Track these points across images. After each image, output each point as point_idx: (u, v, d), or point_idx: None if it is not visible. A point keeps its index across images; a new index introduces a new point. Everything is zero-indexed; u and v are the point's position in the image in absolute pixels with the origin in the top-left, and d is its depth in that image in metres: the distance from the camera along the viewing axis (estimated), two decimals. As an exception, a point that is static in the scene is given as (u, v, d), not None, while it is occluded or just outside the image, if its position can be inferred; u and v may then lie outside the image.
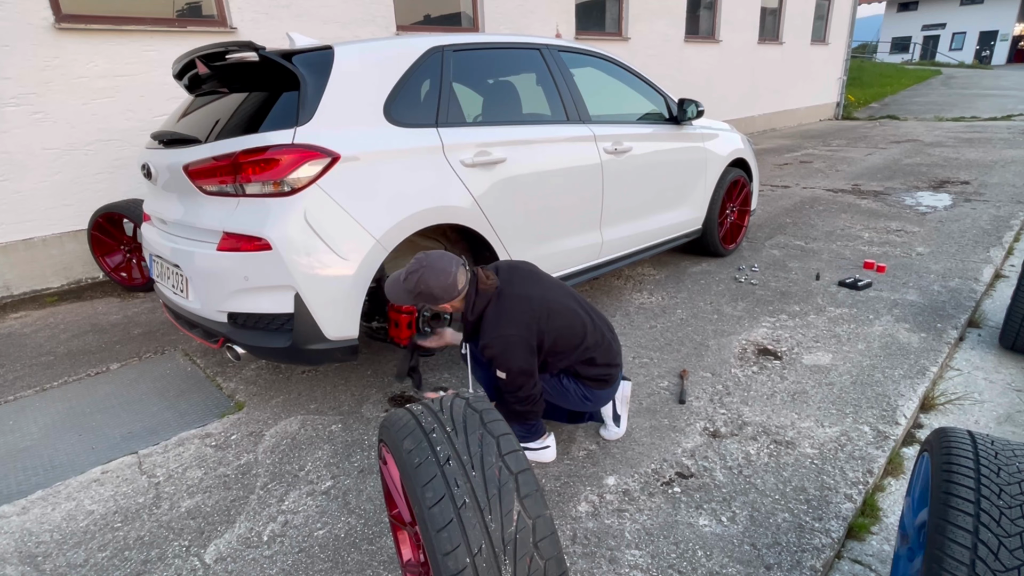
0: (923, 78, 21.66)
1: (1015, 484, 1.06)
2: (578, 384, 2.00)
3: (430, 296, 1.81)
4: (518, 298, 1.85)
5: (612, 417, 2.19)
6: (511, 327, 1.81)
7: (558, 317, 1.88)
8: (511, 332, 1.80)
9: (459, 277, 1.83)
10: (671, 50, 9.31)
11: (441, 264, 1.81)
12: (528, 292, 1.88)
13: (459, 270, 1.83)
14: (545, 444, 2.11)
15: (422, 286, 1.80)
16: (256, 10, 4.77)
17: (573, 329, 1.92)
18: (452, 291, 1.82)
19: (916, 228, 4.83)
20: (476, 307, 1.86)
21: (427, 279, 1.79)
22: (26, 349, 3.27)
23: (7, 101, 3.82)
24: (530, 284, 1.92)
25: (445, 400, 1.30)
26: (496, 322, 1.82)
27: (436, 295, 1.81)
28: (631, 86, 3.50)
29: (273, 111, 2.19)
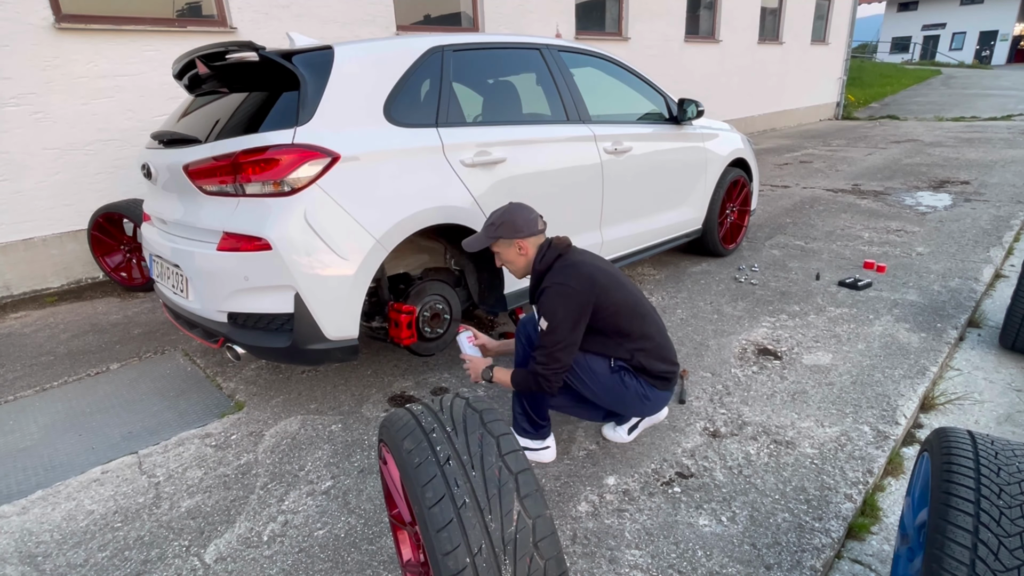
0: (923, 78, 21.66)
1: (1015, 484, 1.06)
2: (640, 382, 1.92)
3: (512, 226, 1.93)
4: (586, 263, 1.89)
5: (631, 426, 2.17)
6: (575, 280, 1.83)
7: (622, 291, 1.89)
8: (573, 284, 1.82)
9: (540, 220, 1.98)
10: (671, 50, 9.31)
11: (525, 206, 2.00)
12: (596, 262, 1.93)
13: (540, 217, 2.00)
14: (545, 445, 2.11)
15: (507, 216, 1.94)
16: (256, 10, 4.78)
17: (635, 309, 1.90)
18: (533, 226, 1.95)
19: (916, 228, 4.83)
20: (547, 258, 1.93)
21: (512, 211, 1.95)
22: (26, 349, 3.27)
23: (7, 101, 3.82)
24: (597, 259, 1.97)
25: (445, 400, 1.30)
26: (563, 271, 1.87)
27: (519, 225, 1.93)
28: (631, 86, 3.50)
29: (273, 111, 2.19)
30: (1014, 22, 32.84)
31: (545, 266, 1.93)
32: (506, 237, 1.94)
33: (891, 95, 17.61)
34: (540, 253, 1.96)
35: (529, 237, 1.95)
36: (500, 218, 1.95)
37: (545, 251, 1.95)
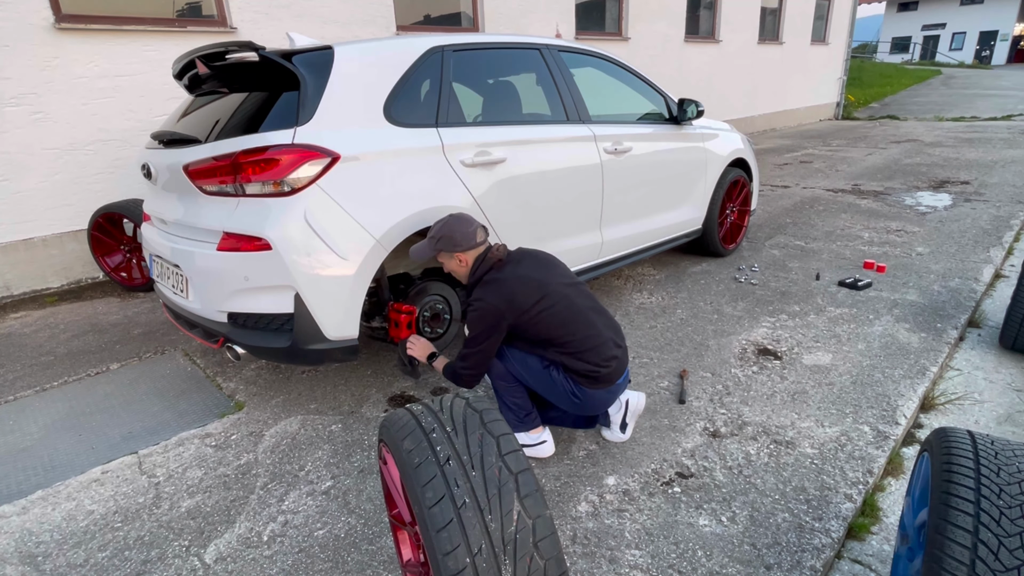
0: (923, 78, 21.67)
1: (1015, 484, 1.06)
2: (566, 378, 1.96)
3: (450, 240, 2.00)
4: (514, 278, 1.96)
5: (620, 424, 2.18)
6: (493, 297, 1.92)
7: (549, 300, 1.93)
8: (490, 302, 1.92)
9: (479, 232, 2.04)
10: (671, 50, 9.31)
11: (465, 217, 2.06)
12: (526, 273, 1.97)
13: (479, 228, 2.05)
14: (541, 439, 2.12)
15: (445, 231, 2.01)
16: (256, 10, 4.78)
17: (563, 317, 1.93)
18: (471, 239, 2.01)
19: (916, 228, 4.83)
20: (478, 272, 2.01)
21: (451, 224, 2.02)
22: (26, 349, 3.27)
23: (7, 101, 3.82)
24: (534, 268, 2.01)
25: (445, 400, 1.30)
26: (484, 288, 1.96)
27: (456, 240, 2.00)
28: (631, 86, 3.50)
29: (273, 111, 2.19)
30: (1014, 22, 32.84)
31: (475, 279, 2.02)
32: (446, 250, 2.03)
33: (891, 95, 17.61)
34: (475, 266, 2.04)
35: (468, 251, 2.02)
36: (439, 232, 2.03)
37: (479, 264, 2.03)
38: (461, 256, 2.03)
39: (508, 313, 1.91)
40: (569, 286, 2.01)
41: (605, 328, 2.01)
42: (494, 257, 2.03)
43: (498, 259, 2.03)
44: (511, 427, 2.07)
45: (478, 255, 2.04)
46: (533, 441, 2.11)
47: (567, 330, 1.93)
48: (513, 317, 1.92)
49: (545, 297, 1.93)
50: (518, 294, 1.92)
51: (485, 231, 2.07)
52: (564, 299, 1.96)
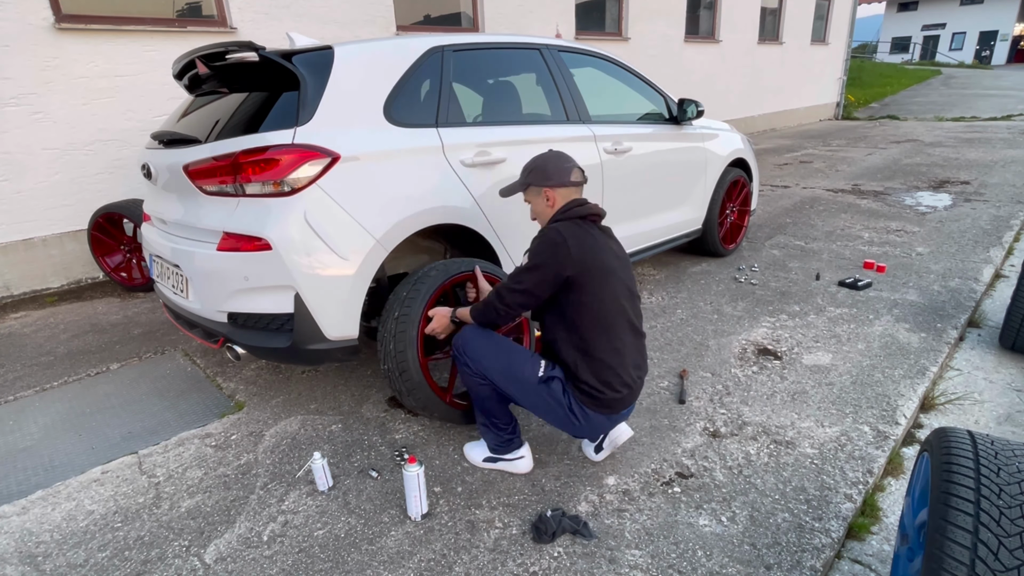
0: (923, 78, 21.66)
1: (1015, 484, 1.06)
2: (571, 397, 1.82)
3: (542, 173, 1.88)
4: (597, 236, 1.83)
5: (595, 447, 2.06)
6: (570, 236, 1.76)
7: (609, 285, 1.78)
8: (565, 237, 1.75)
9: (575, 171, 1.91)
10: (671, 50, 9.31)
11: (564, 154, 1.94)
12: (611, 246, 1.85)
13: (576, 168, 1.92)
14: (519, 455, 2.05)
15: (539, 161, 1.92)
16: (256, 10, 4.78)
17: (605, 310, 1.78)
18: (564, 176, 1.88)
19: (916, 228, 4.83)
20: (569, 212, 1.85)
21: (547, 158, 1.92)
22: (26, 349, 3.27)
23: (7, 101, 3.82)
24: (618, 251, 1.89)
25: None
26: (566, 225, 1.80)
27: (549, 172, 1.88)
28: (631, 86, 3.50)
29: (273, 111, 2.19)
30: (1014, 22, 32.84)
31: (564, 217, 1.85)
32: (535, 184, 1.88)
33: (891, 95, 17.61)
34: (566, 207, 1.86)
35: (558, 187, 1.86)
36: (533, 163, 1.92)
37: (571, 208, 1.85)
38: (550, 193, 1.86)
39: (574, 260, 1.73)
40: (631, 287, 1.89)
41: (634, 351, 1.86)
42: (589, 209, 1.85)
43: (593, 213, 1.85)
44: (492, 449, 2.04)
45: (571, 200, 1.87)
46: (512, 457, 2.04)
47: (603, 333, 1.78)
48: (575, 270, 1.73)
49: (610, 280, 1.78)
50: (594, 254, 1.77)
51: (583, 174, 1.92)
52: (614, 297, 1.80)
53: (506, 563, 1.68)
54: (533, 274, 1.77)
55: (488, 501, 1.93)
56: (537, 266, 1.76)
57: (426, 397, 2.17)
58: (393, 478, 2.06)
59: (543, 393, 1.83)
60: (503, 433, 2.00)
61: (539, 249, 1.77)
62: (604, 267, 1.79)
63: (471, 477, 2.05)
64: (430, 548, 1.74)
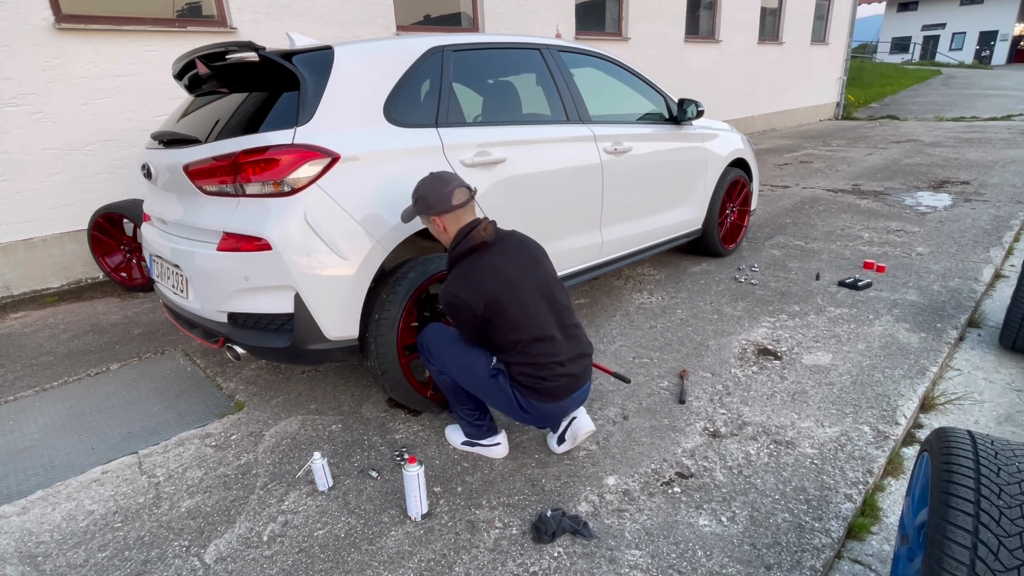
0: (923, 78, 21.66)
1: (1015, 484, 1.06)
2: (512, 388, 1.90)
3: (424, 202, 1.90)
4: (488, 270, 1.86)
5: (557, 438, 2.12)
6: (462, 291, 1.85)
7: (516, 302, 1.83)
8: (460, 296, 1.85)
9: (456, 193, 1.90)
10: (671, 50, 9.31)
11: (445, 176, 1.95)
12: (502, 267, 1.86)
13: (459, 188, 1.91)
14: (495, 441, 2.13)
15: (421, 191, 1.93)
16: (256, 10, 4.78)
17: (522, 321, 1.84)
18: (446, 202, 1.88)
19: (916, 228, 4.83)
20: (458, 249, 1.90)
21: (427, 184, 1.92)
22: (26, 349, 3.27)
23: (7, 101, 3.82)
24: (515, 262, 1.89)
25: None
26: (455, 280, 1.88)
27: (430, 201, 1.89)
28: (631, 86, 3.50)
29: (273, 111, 2.19)
30: (1014, 22, 32.84)
31: (453, 259, 1.92)
32: (422, 213, 1.94)
33: (891, 95, 17.61)
34: (458, 239, 1.90)
35: (444, 214, 1.90)
36: (416, 192, 1.95)
37: (461, 239, 1.89)
38: (438, 220, 1.91)
39: (476, 306, 1.83)
40: (541, 286, 1.90)
41: (568, 340, 1.92)
42: (477, 238, 1.88)
43: (482, 242, 1.89)
44: (468, 435, 2.13)
45: (461, 227, 1.90)
46: (488, 443, 2.14)
47: (523, 336, 1.84)
48: (482, 309, 1.83)
49: (512, 296, 1.84)
50: (485, 290, 1.82)
51: (469, 191, 1.93)
52: (531, 301, 1.86)
53: (506, 563, 1.68)
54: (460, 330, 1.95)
55: (488, 501, 1.93)
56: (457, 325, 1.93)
57: (407, 393, 2.31)
58: (393, 478, 2.06)
59: (493, 386, 1.93)
60: (473, 420, 2.11)
61: (448, 312, 1.91)
62: (505, 287, 1.84)
63: (471, 477, 2.05)
64: (430, 548, 1.74)
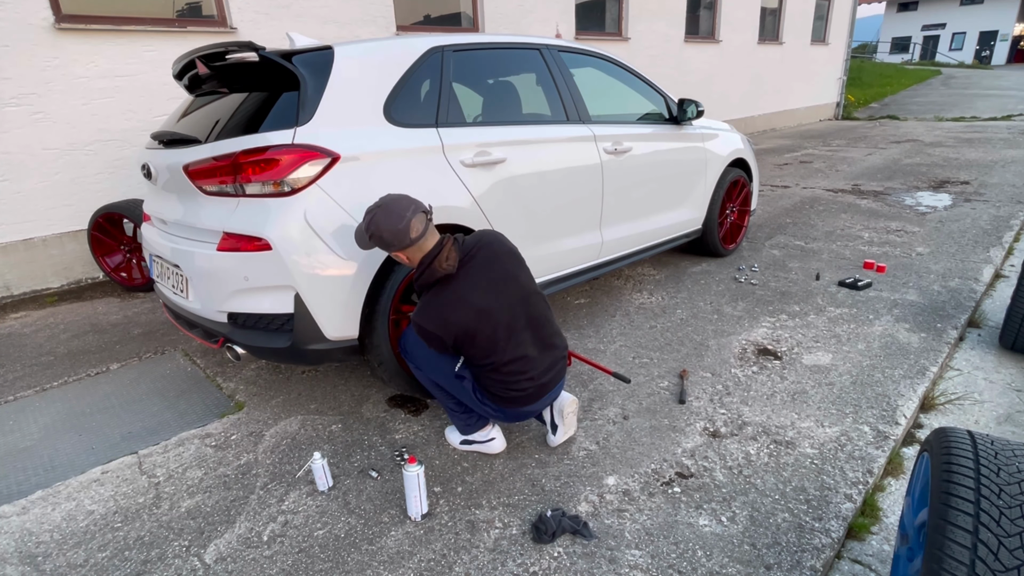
0: (923, 78, 21.66)
1: (1015, 484, 1.06)
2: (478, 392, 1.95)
3: (381, 240, 1.80)
4: (454, 300, 1.81)
5: (549, 424, 2.15)
6: (428, 323, 1.82)
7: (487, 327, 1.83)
8: (427, 328, 1.82)
9: (412, 224, 1.78)
10: (671, 50, 9.31)
11: (397, 207, 1.79)
12: (467, 296, 1.81)
13: (415, 217, 1.78)
14: (490, 436, 2.14)
15: (374, 228, 1.79)
16: (256, 10, 4.78)
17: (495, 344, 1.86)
18: (403, 238, 1.78)
19: (916, 228, 4.83)
20: (423, 279, 1.85)
21: (379, 221, 1.78)
22: (26, 349, 3.27)
23: (7, 101, 3.82)
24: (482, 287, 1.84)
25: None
26: (422, 310, 1.85)
27: (387, 240, 1.79)
28: (631, 86, 3.50)
29: (273, 111, 2.19)
30: (1014, 22, 32.83)
31: (420, 286, 1.88)
32: (382, 249, 1.88)
33: (891, 95, 17.61)
34: (420, 270, 1.84)
35: (404, 249, 1.82)
36: (369, 226, 1.81)
37: (424, 270, 1.83)
38: (400, 255, 1.86)
39: (447, 338, 1.83)
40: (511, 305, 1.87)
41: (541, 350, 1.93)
42: (439, 272, 1.81)
43: (444, 270, 1.81)
44: (461, 431, 2.14)
45: (425, 255, 1.83)
46: (483, 438, 2.14)
47: (495, 356, 1.87)
48: (452, 340, 1.84)
49: (481, 321, 1.81)
50: (452, 322, 1.79)
51: (426, 217, 1.83)
52: (501, 323, 1.84)
53: (506, 563, 1.68)
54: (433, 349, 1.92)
55: (488, 501, 1.93)
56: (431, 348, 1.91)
57: (405, 382, 2.39)
58: (393, 478, 2.06)
59: (457, 385, 1.97)
60: (461, 414, 2.10)
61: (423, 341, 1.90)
62: (474, 318, 1.81)
63: (471, 477, 2.05)
64: (430, 548, 1.74)
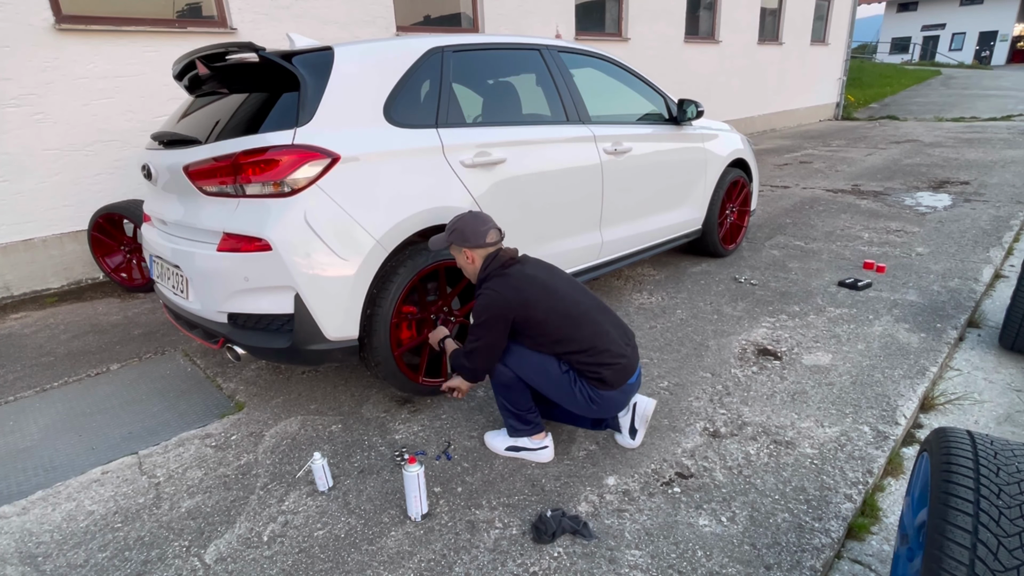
0: (923, 78, 21.66)
1: (1014, 484, 1.06)
2: (583, 383, 1.98)
3: (461, 235, 2.04)
4: (522, 275, 2.00)
5: (628, 429, 2.15)
6: (501, 287, 1.96)
7: (554, 302, 1.97)
8: (499, 291, 1.96)
9: (491, 233, 2.06)
10: (671, 51, 9.31)
11: (483, 216, 2.10)
12: (533, 274, 2.01)
13: (493, 229, 2.08)
14: (543, 444, 2.12)
15: (459, 224, 2.06)
16: (256, 11, 4.78)
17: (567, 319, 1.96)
18: (480, 238, 2.03)
19: (916, 228, 4.83)
20: (490, 268, 2.04)
21: (466, 219, 2.07)
22: (26, 350, 3.27)
23: (8, 102, 3.82)
24: (540, 270, 2.05)
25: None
26: (493, 280, 2.00)
27: (467, 235, 2.03)
28: (631, 87, 3.50)
29: (273, 112, 2.19)
30: (1014, 22, 32.83)
31: (485, 275, 2.05)
32: (455, 244, 2.06)
33: (891, 95, 17.61)
34: (486, 264, 2.05)
35: (476, 248, 2.04)
36: (453, 225, 2.07)
37: (490, 263, 2.05)
38: (469, 253, 2.05)
39: (515, 304, 1.93)
40: (573, 288, 2.05)
41: (612, 327, 2.02)
42: (505, 256, 2.06)
43: (509, 258, 2.06)
44: (514, 432, 2.11)
45: (487, 255, 2.06)
46: (535, 446, 2.12)
47: (574, 329, 1.95)
48: (520, 311, 1.94)
49: (551, 296, 1.97)
50: (525, 289, 1.96)
51: (500, 233, 2.10)
52: (569, 298, 2.00)
53: (506, 563, 1.68)
54: (483, 328, 1.97)
55: (488, 501, 1.93)
56: (484, 321, 1.96)
57: (401, 381, 2.39)
58: (393, 478, 2.07)
59: (565, 380, 1.98)
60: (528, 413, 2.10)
61: (481, 308, 1.97)
62: (539, 292, 1.97)
63: (471, 477, 2.05)
64: (430, 548, 1.74)
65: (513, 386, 2.04)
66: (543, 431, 2.13)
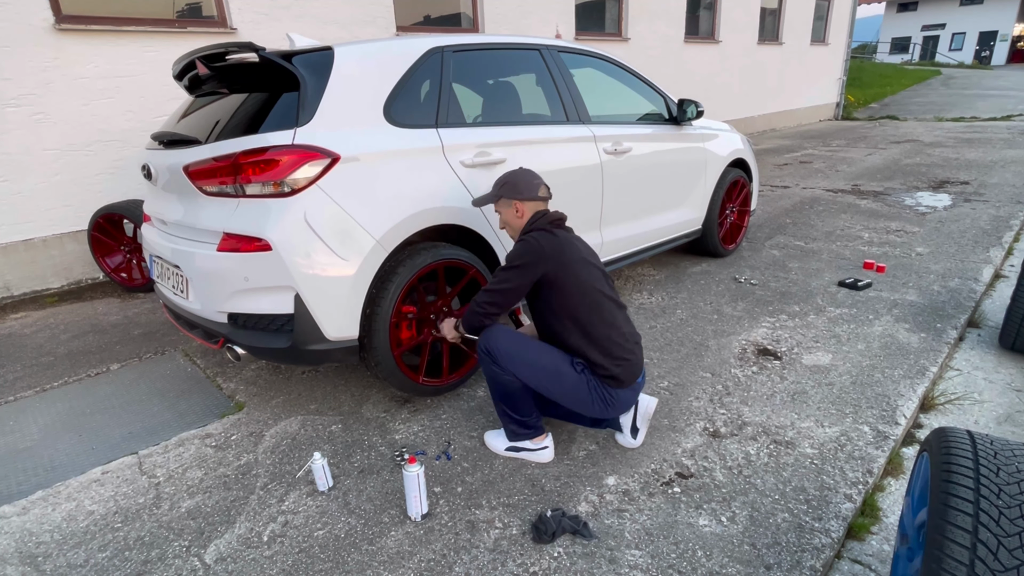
0: (923, 78, 21.66)
1: (1014, 484, 1.06)
2: (597, 383, 1.96)
3: (514, 187, 2.07)
4: (564, 238, 2.00)
5: (631, 428, 2.15)
6: (543, 239, 1.96)
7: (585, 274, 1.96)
8: (540, 241, 1.95)
9: (542, 188, 2.10)
10: (671, 51, 9.31)
11: (532, 171, 2.14)
12: (575, 242, 2.03)
13: (544, 185, 2.12)
14: (543, 445, 2.11)
15: (510, 177, 2.09)
16: (256, 11, 4.78)
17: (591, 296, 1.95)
18: (533, 191, 2.07)
19: (916, 228, 4.83)
20: (537, 222, 2.04)
21: (517, 173, 2.10)
22: (26, 350, 3.27)
23: (7, 102, 3.82)
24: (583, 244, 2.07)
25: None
26: (537, 232, 2.00)
27: (520, 187, 2.07)
28: (631, 86, 3.50)
29: (273, 112, 2.19)
30: (1014, 22, 32.83)
31: (531, 228, 2.05)
32: (507, 196, 2.08)
33: (891, 95, 17.61)
34: (534, 218, 2.06)
35: (527, 201, 2.06)
36: (505, 178, 2.11)
37: (538, 218, 2.05)
38: (519, 205, 2.06)
39: (552, 261, 1.93)
40: (605, 276, 2.05)
41: (623, 321, 2.03)
42: (553, 215, 2.07)
43: (558, 219, 2.06)
44: (515, 437, 2.11)
45: (537, 211, 2.07)
46: (535, 447, 2.11)
47: (593, 312, 1.95)
48: (553, 269, 1.93)
49: (585, 270, 1.97)
50: (567, 252, 1.96)
51: (548, 190, 2.12)
52: (600, 282, 2.00)
53: (506, 563, 1.68)
54: (514, 272, 1.96)
55: (488, 501, 1.93)
56: (517, 266, 1.96)
57: (400, 381, 2.38)
58: (393, 478, 2.07)
59: (578, 381, 1.95)
60: (530, 417, 2.09)
61: (519, 252, 1.97)
62: (577, 259, 1.98)
63: (471, 477, 2.05)
64: (430, 548, 1.74)
65: (517, 394, 2.02)
66: (543, 432, 2.13)
